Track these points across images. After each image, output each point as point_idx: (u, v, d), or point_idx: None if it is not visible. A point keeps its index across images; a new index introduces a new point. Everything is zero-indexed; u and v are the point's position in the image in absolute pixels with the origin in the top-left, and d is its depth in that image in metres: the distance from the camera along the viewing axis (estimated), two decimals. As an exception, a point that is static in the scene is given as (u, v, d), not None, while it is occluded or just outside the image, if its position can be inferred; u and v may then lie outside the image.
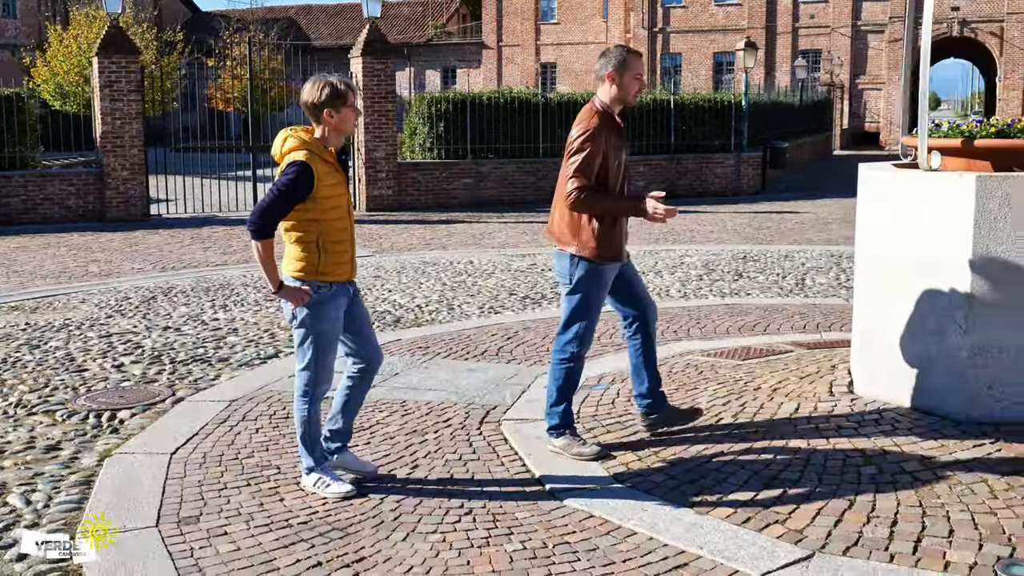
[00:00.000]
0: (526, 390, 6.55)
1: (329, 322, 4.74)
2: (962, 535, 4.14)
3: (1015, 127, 5.33)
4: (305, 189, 4.51)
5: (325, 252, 4.62)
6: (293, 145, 4.61)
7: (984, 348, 5.20)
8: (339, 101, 4.60)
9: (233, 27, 42.09)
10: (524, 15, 59.37)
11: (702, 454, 5.15)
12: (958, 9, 48.47)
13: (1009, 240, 5.10)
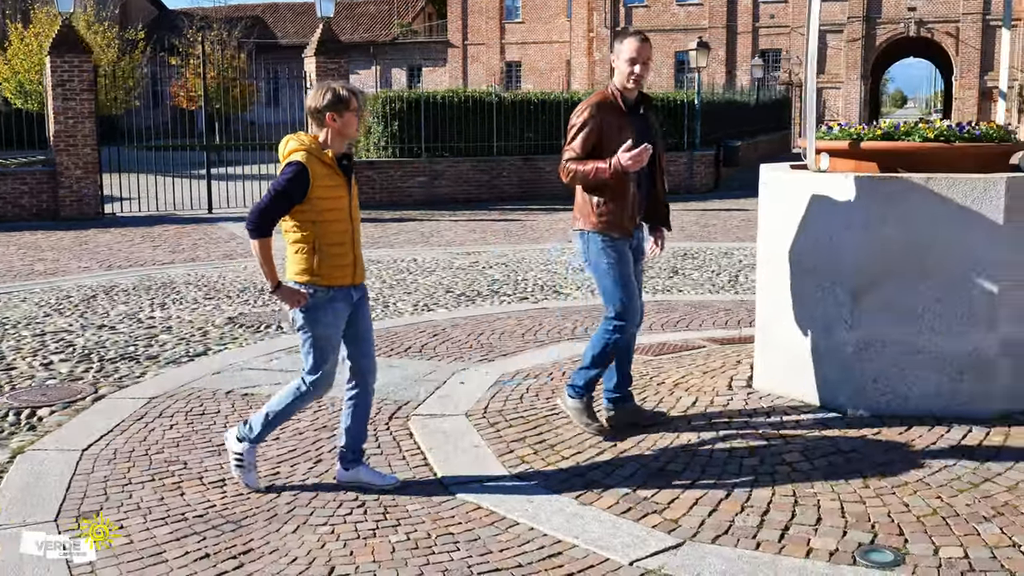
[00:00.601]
0: (440, 386, 6.65)
1: (324, 327, 4.73)
2: (829, 523, 4.28)
3: (900, 130, 5.48)
4: (301, 190, 4.53)
5: (322, 254, 4.63)
6: (293, 147, 4.63)
7: (869, 343, 5.35)
8: (341, 106, 4.61)
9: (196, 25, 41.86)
10: (489, 14, 59.45)
11: (596, 447, 5.26)
12: (915, 9, 48.98)
13: (890, 240, 5.24)
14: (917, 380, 5.33)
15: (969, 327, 5.24)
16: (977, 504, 4.40)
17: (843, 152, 5.56)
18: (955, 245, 5.22)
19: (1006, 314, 5.26)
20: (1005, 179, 5.14)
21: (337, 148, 4.70)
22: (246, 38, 44.10)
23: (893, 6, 49.62)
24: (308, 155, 4.59)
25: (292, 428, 5.87)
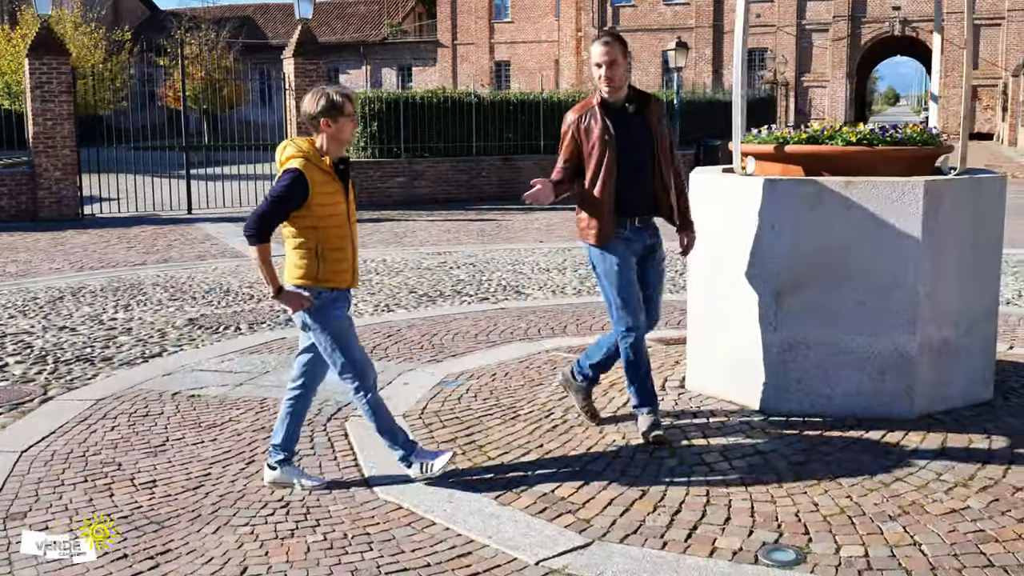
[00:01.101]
0: (384, 387, 6.66)
1: (337, 320, 4.80)
2: (737, 523, 4.33)
3: (825, 134, 5.53)
4: (299, 196, 4.57)
5: (324, 259, 4.67)
6: (291, 154, 4.67)
7: (793, 344, 5.41)
8: (335, 111, 4.64)
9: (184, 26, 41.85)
10: (478, 14, 59.49)
11: (523, 448, 5.31)
12: (899, 8, 49.05)
13: (812, 242, 5.29)
14: (840, 381, 5.39)
15: (890, 328, 5.30)
16: (885, 503, 4.46)
17: (770, 156, 5.61)
18: (875, 247, 5.27)
19: (926, 315, 5.31)
20: (923, 182, 5.19)
21: (334, 153, 4.74)
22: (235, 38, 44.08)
23: (878, 5, 49.72)
24: (306, 162, 4.63)
25: (232, 429, 5.93)
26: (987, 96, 49.54)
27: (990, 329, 5.75)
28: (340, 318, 4.82)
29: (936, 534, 4.17)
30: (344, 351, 4.82)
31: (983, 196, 5.51)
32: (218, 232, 16.72)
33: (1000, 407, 5.65)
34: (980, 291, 5.59)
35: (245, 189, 21.54)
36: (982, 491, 4.55)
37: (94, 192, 20.50)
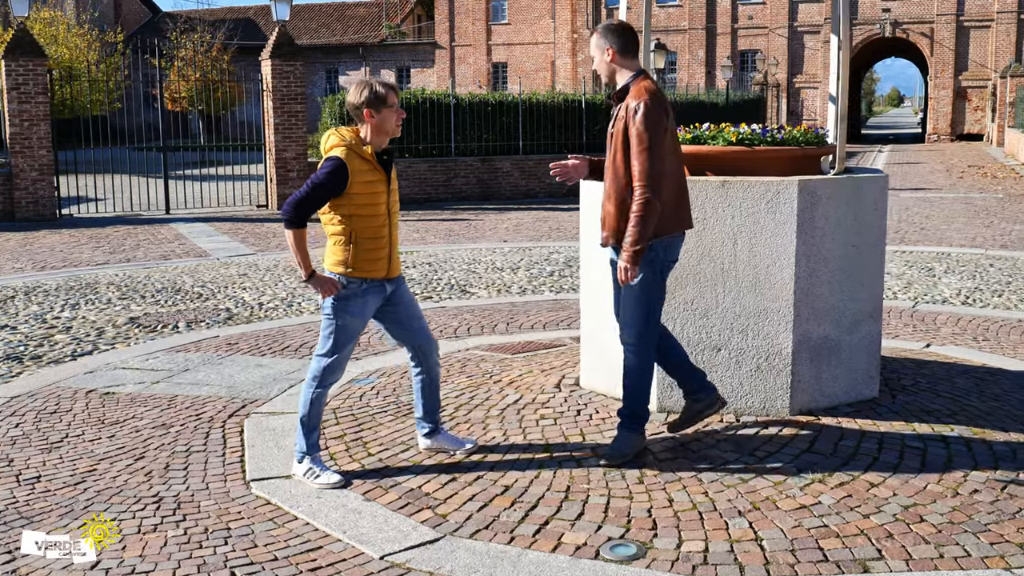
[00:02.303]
0: (295, 384, 6.71)
1: (351, 316, 4.82)
2: (588, 518, 4.34)
3: (707, 134, 5.54)
4: (339, 184, 4.60)
5: (358, 248, 4.70)
6: (334, 143, 4.71)
7: (673, 342, 5.41)
8: (379, 102, 4.67)
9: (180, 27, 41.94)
10: (475, 15, 59.51)
11: (405, 445, 5.32)
12: (889, 10, 48.95)
13: (690, 241, 5.29)
14: (719, 378, 5.39)
15: (766, 326, 5.30)
16: (738, 499, 4.46)
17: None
18: (751, 246, 5.28)
19: (803, 314, 5.31)
20: (797, 181, 5.20)
21: (377, 143, 4.76)
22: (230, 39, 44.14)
23: (869, 7, 49.61)
24: (348, 150, 4.66)
25: (132, 426, 5.95)
26: (977, 97, 49.43)
27: (875, 327, 5.75)
28: (356, 314, 4.84)
29: (780, 530, 4.18)
30: (336, 344, 4.86)
31: (863, 196, 5.51)
32: (189, 232, 16.76)
33: (884, 405, 5.65)
34: (863, 290, 5.58)
35: (224, 190, 21.61)
36: (838, 487, 4.56)
37: (82, 193, 20.61)
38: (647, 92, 4.65)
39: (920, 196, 22.08)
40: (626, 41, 4.84)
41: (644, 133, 4.56)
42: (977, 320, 8.77)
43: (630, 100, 4.67)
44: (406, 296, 5.07)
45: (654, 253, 4.72)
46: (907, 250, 13.69)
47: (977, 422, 5.42)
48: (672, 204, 4.73)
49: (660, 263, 4.79)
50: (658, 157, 4.58)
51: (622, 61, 4.82)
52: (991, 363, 7.01)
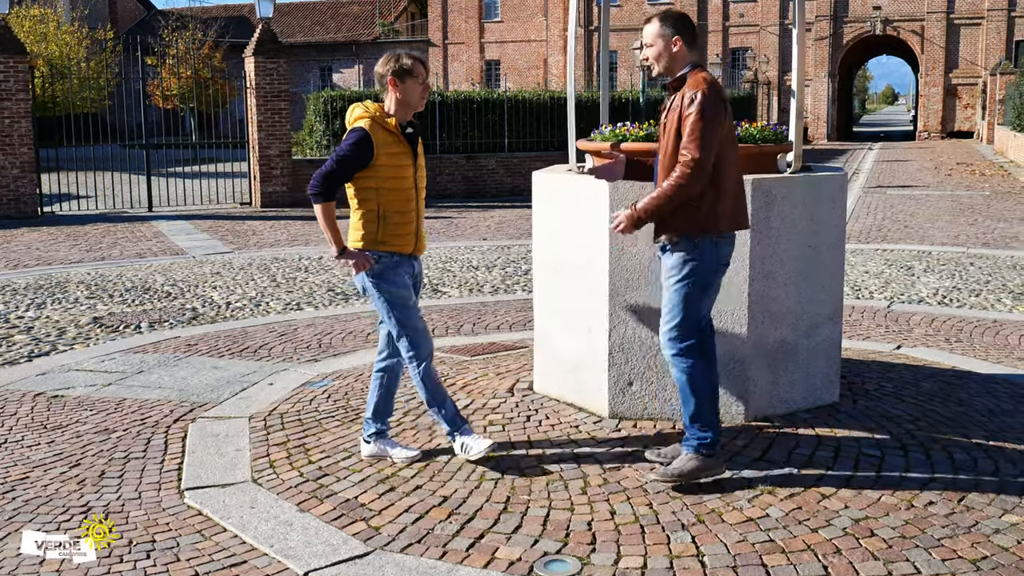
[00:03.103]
0: (248, 388, 6.51)
1: (397, 286, 4.69)
2: (526, 531, 4.13)
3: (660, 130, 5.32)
4: (364, 156, 4.50)
5: (385, 222, 4.58)
6: (358, 114, 4.62)
7: (626, 346, 5.21)
8: (404, 73, 4.58)
9: (171, 25, 41.58)
10: (468, 13, 59.28)
11: (349, 451, 5.12)
12: (880, 8, 48.74)
13: (641, 241, 5.09)
14: (673, 383, 5.17)
15: (720, 329, 5.09)
16: (683, 512, 4.26)
17: (608, 154, 5.40)
18: (705, 248, 5.07)
19: (758, 317, 5.11)
20: (751, 181, 4.99)
21: (401, 116, 4.64)
22: (222, 37, 43.82)
23: (860, 5, 49.40)
24: (372, 122, 4.56)
25: (73, 431, 5.75)
26: (967, 95, 49.23)
27: (835, 330, 5.54)
28: (399, 285, 4.70)
29: (723, 544, 3.98)
30: (401, 318, 4.71)
31: (821, 195, 5.30)
32: (169, 230, 16.53)
33: (844, 410, 5.44)
34: (821, 292, 5.38)
35: (209, 187, 21.40)
36: (787, 499, 4.35)
37: (67, 190, 20.38)
38: (706, 83, 4.37)
39: (906, 194, 21.88)
40: (692, 32, 4.62)
41: (699, 122, 4.27)
42: (952, 321, 8.57)
43: (687, 90, 4.37)
44: (420, 284, 4.95)
45: (701, 251, 4.40)
46: (888, 248, 13.49)
47: (939, 429, 5.22)
48: (732, 201, 4.44)
49: (713, 262, 4.45)
50: (709, 148, 4.26)
51: (686, 52, 4.55)
52: (961, 365, 6.81)
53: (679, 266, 4.43)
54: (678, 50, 4.49)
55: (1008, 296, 9.89)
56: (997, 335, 7.99)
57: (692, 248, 4.41)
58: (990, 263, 12.10)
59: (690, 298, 4.43)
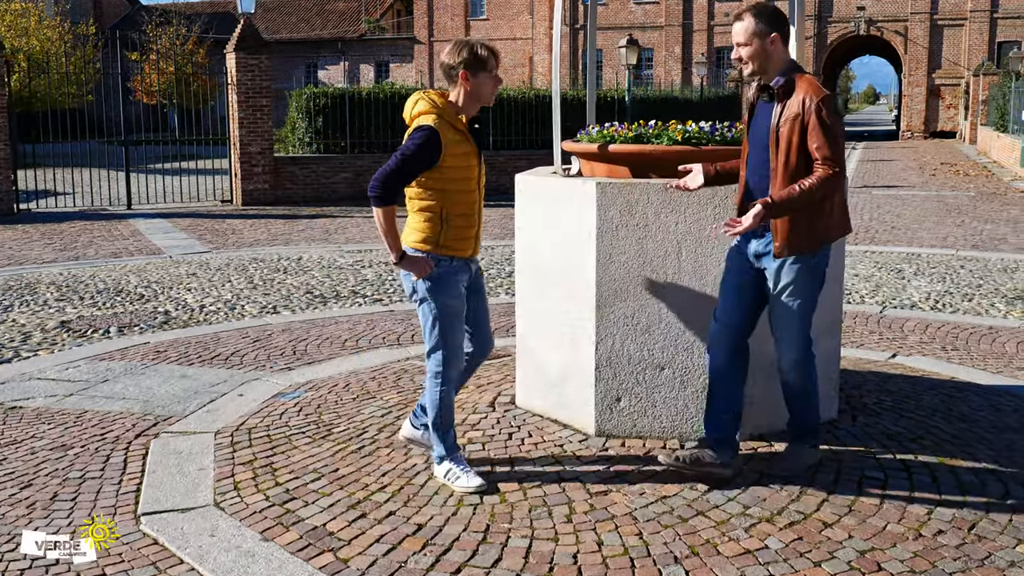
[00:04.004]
0: (217, 399, 6.15)
1: (450, 296, 4.33)
2: (506, 564, 3.79)
3: (651, 132, 4.99)
4: (432, 156, 4.13)
5: (449, 225, 4.24)
6: (423, 108, 4.21)
7: (612, 360, 4.87)
8: (477, 65, 4.20)
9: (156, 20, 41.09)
10: (454, 11, 58.86)
11: (319, 471, 4.77)
12: (864, 9, 48.57)
13: (631, 250, 4.76)
14: (664, 399, 4.86)
15: (714, 343, 4.75)
16: (676, 542, 3.92)
17: (595, 156, 5.07)
18: (697, 255, 4.74)
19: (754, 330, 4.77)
20: (747, 186, 4.65)
21: (470, 111, 4.31)
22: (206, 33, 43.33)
23: (844, 5, 49.20)
24: (439, 119, 4.17)
25: (28, 447, 5.37)
26: (950, 95, 49.11)
27: (833, 342, 5.23)
28: (454, 294, 4.34)
29: (720, 580, 3.65)
30: (444, 333, 4.35)
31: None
32: (147, 228, 16.11)
33: (843, 428, 5.13)
34: (820, 306, 5.03)
35: (190, 184, 20.99)
36: (787, 528, 4.02)
37: (47, 187, 19.94)
38: (822, 87, 4.19)
39: (892, 194, 21.64)
40: (788, 29, 4.34)
41: (834, 126, 4.09)
42: (946, 327, 8.27)
43: (805, 95, 4.13)
44: (482, 285, 4.59)
45: (819, 261, 4.30)
46: (877, 250, 13.21)
47: (943, 447, 4.91)
48: (841, 205, 4.37)
49: (823, 272, 4.38)
50: (843, 155, 4.15)
51: (783, 51, 4.28)
52: (960, 376, 6.51)
53: (798, 277, 4.27)
54: (775, 48, 4.24)
55: (1001, 301, 9.60)
56: (994, 343, 7.70)
57: (811, 259, 4.27)
58: (980, 266, 11.82)
59: (809, 313, 4.35)
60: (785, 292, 4.29)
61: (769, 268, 4.31)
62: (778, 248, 4.24)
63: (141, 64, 39.23)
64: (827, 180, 4.07)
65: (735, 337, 4.48)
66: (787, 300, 4.30)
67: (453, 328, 4.38)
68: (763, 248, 4.33)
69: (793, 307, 4.30)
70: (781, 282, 4.29)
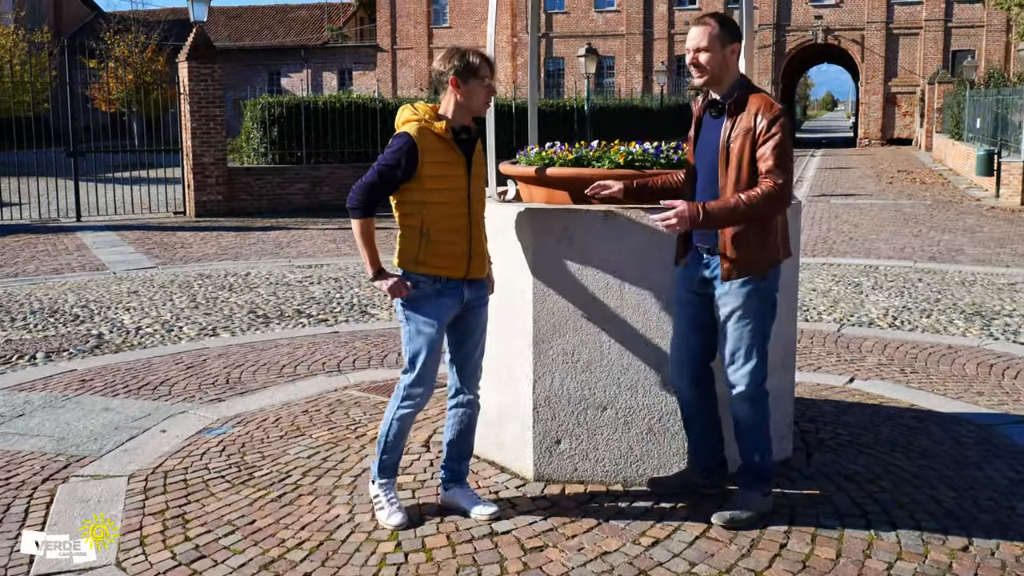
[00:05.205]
0: (138, 435, 5.70)
1: (425, 321, 4.04)
2: (427, 637, 3.40)
3: (591, 154, 4.62)
4: (408, 165, 3.91)
5: (428, 241, 3.98)
6: (406, 118, 4.03)
7: (551, 399, 4.50)
8: (468, 72, 3.98)
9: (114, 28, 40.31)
10: (417, 19, 58.38)
11: (234, 523, 4.34)
12: (821, 18, 48.69)
13: (570, 281, 4.39)
14: (607, 441, 4.49)
15: (660, 381, 4.39)
16: (614, 607, 3.55)
17: (534, 179, 4.69)
18: (641, 288, 4.37)
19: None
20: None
21: (459, 120, 4.05)
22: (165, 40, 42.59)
23: (802, 14, 49.27)
24: (420, 127, 3.96)
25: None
26: (906, 103, 49.29)
27: (787, 378, 4.88)
28: (430, 318, 4.05)
29: (661, 654, 3.27)
30: (415, 356, 4.08)
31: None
32: (94, 242, 15.56)
33: (798, 468, 4.78)
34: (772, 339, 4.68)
35: (143, 195, 20.44)
36: (736, 588, 3.66)
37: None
38: (776, 104, 3.95)
39: (850, 203, 21.47)
40: (742, 44, 4.06)
41: (786, 143, 3.86)
42: (905, 347, 7.96)
43: (758, 112, 3.89)
44: (480, 317, 4.20)
45: (769, 284, 4.03)
46: (835, 263, 12.94)
47: (904, 488, 4.57)
48: (784, 227, 4.12)
49: (775, 293, 4.10)
50: (792, 173, 3.89)
51: (738, 63, 4.02)
52: (920, 403, 6.19)
53: (747, 301, 3.96)
54: (733, 59, 3.97)
55: (960, 317, 9.33)
56: (953, 363, 7.40)
57: (761, 282, 3.97)
58: (938, 279, 11.58)
59: (765, 334, 4.06)
60: (734, 318, 4.00)
61: (717, 293, 4.02)
62: (726, 271, 3.96)
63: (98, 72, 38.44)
64: (771, 194, 3.80)
65: (695, 368, 4.22)
66: (738, 326, 3.99)
67: (424, 356, 4.08)
68: (710, 273, 4.05)
69: (744, 334, 4.00)
70: (730, 307, 3.99)
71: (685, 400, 4.28)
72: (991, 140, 24.74)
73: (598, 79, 51.80)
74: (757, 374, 4.02)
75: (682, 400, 4.29)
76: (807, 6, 49.27)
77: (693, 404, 4.26)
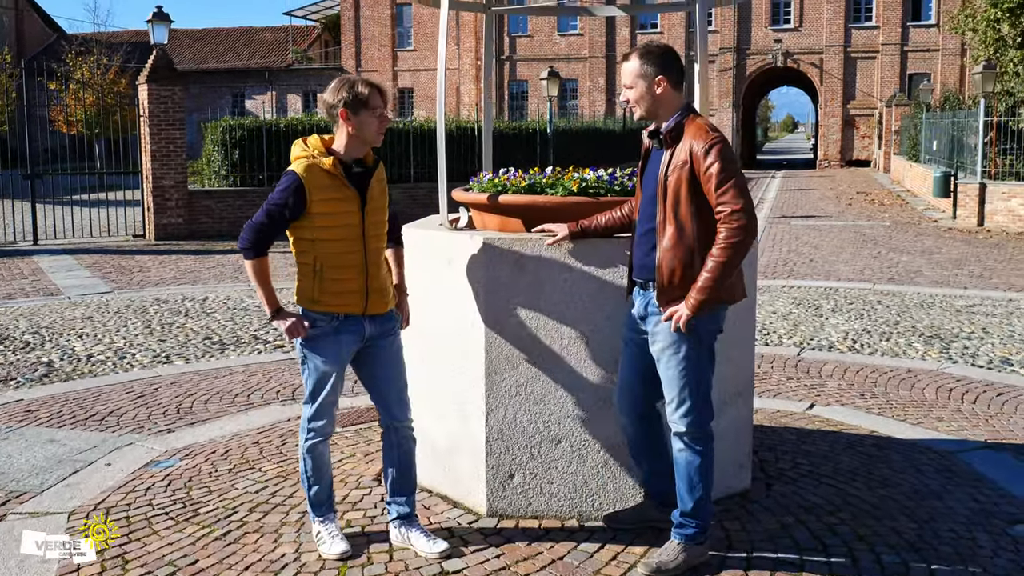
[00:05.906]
0: (82, 469, 5.50)
1: (322, 360, 3.96)
2: None
3: (544, 181, 4.51)
4: (296, 204, 3.81)
5: (321, 278, 3.89)
6: (296, 154, 3.94)
7: (504, 432, 4.36)
8: (357, 103, 3.85)
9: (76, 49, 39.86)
10: (381, 42, 58.31)
11: (175, 564, 4.15)
12: (780, 41, 49.15)
13: (522, 312, 4.26)
14: (561, 475, 4.35)
15: (612, 413, 4.27)
16: (568, 652, 3.41)
17: (486, 207, 4.56)
18: (596, 319, 4.25)
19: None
20: (647, 241, 4.17)
21: (352, 153, 3.93)
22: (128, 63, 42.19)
23: (762, 38, 49.71)
24: (308, 164, 3.84)
25: None
26: (864, 125, 49.79)
27: (745, 408, 4.77)
28: (328, 357, 3.95)
29: None
30: (313, 392, 4.02)
31: (729, 255, 4.51)
32: (50, 266, 15.24)
33: (757, 500, 4.67)
34: (730, 366, 4.58)
35: (102, 218, 20.12)
36: (693, 631, 3.53)
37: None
38: (712, 130, 3.80)
39: (810, 224, 21.54)
40: (679, 69, 3.89)
41: (726, 171, 3.67)
42: (864, 371, 7.90)
43: (693, 142, 3.75)
44: (389, 348, 4.04)
45: (710, 323, 3.84)
46: (795, 285, 12.92)
47: (864, 521, 4.47)
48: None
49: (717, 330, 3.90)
50: (748, 194, 3.71)
51: (673, 94, 3.86)
52: (880, 429, 6.11)
53: (679, 339, 3.78)
54: (662, 92, 3.86)
55: (919, 340, 9.30)
56: (913, 388, 7.34)
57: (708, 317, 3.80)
58: (897, 301, 11.57)
59: (706, 372, 3.87)
60: (665, 356, 3.83)
61: (651, 329, 3.87)
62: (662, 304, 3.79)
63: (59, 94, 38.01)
64: (739, 244, 3.67)
65: (640, 406, 4.09)
66: (671, 366, 3.83)
67: (322, 390, 3.99)
68: (643, 310, 3.91)
69: (678, 375, 3.82)
70: (659, 344, 3.84)
71: (631, 436, 4.15)
72: (947, 162, 24.96)
73: (561, 102, 51.93)
74: (697, 415, 3.84)
75: (628, 436, 4.16)
76: (767, 30, 49.73)
77: (640, 441, 4.13)
